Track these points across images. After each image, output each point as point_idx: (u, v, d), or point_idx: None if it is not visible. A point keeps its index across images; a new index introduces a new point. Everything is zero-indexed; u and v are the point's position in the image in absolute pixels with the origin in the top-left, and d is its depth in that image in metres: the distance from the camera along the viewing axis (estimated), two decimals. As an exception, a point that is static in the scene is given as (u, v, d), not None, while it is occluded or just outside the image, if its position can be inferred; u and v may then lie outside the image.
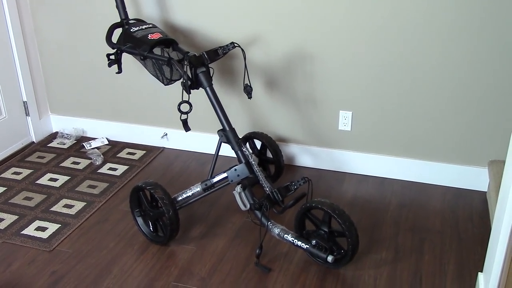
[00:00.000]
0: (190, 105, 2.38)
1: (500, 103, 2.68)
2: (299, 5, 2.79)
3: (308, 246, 2.26)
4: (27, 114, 3.47)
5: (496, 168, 2.65)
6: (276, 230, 2.34)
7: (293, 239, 2.29)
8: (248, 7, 2.88)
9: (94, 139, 3.53)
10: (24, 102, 3.44)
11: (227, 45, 2.57)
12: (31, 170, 3.18)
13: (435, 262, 2.37)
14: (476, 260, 2.37)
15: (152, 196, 2.46)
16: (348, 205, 2.78)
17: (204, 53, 2.51)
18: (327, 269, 2.32)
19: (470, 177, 2.88)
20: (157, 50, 2.61)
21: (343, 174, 3.09)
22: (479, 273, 2.15)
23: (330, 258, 2.19)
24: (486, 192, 2.87)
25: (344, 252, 2.25)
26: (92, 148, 3.42)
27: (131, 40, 2.62)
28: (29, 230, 2.63)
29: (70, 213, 2.77)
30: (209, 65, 2.53)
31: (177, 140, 3.38)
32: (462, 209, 2.74)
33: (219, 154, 2.60)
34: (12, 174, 3.15)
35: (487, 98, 2.70)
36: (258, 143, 2.98)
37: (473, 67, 2.65)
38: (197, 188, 2.57)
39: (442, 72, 2.71)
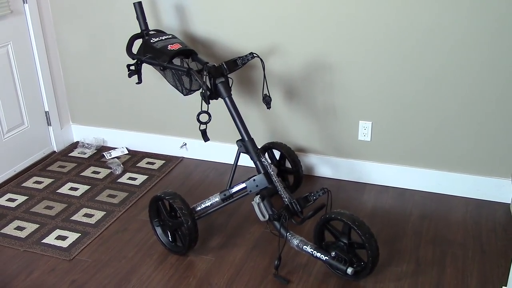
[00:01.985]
0: (209, 115, 2.38)
1: (523, 113, 2.64)
2: (319, 15, 2.78)
3: (327, 258, 2.23)
4: (48, 124, 3.52)
5: (520, 179, 2.60)
6: (295, 241, 2.32)
7: (312, 250, 2.27)
8: (267, 18, 2.89)
9: (114, 148, 3.56)
10: (46, 112, 3.48)
11: (246, 56, 2.57)
12: (52, 179, 3.22)
13: (458, 275, 2.32)
14: (500, 273, 2.32)
15: (171, 206, 2.46)
16: (368, 217, 2.75)
17: (223, 63, 2.51)
18: (347, 281, 2.30)
19: (493, 188, 2.83)
20: (176, 61, 2.62)
21: (363, 184, 3.06)
22: (503, 287, 2.11)
23: (350, 270, 2.17)
24: (509, 204, 2.81)
25: (364, 264, 2.22)
26: (112, 158, 3.45)
27: (151, 50, 2.64)
28: (50, 239, 2.65)
29: (90, 222, 2.79)
30: (228, 76, 2.53)
31: (196, 150, 3.39)
32: (484, 221, 2.69)
33: (238, 164, 2.60)
34: (33, 183, 3.19)
35: (510, 108, 2.65)
36: (277, 153, 2.97)
37: (496, 76, 2.61)
38: (216, 198, 2.56)
39: (463, 82, 2.67)
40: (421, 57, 2.69)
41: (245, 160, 2.66)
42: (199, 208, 2.56)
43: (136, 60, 2.72)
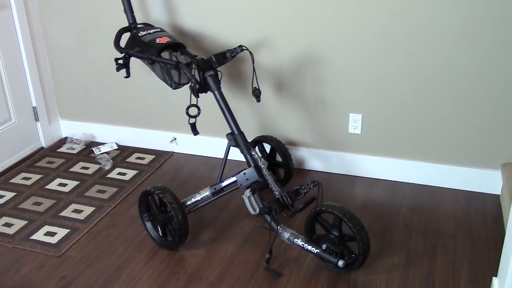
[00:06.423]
0: (199, 108, 2.36)
1: (513, 105, 2.65)
2: (308, 7, 2.77)
3: (318, 251, 2.23)
4: (36, 119, 3.48)
5: (510, 171, 2.61)
6: (286, 235, 2.31)
7: (303, 243, 2.26)
8: (256, 10, 2.87)
9: (103, 144, 3.53)
10: (33, 107, 3.45)
11: (235, 48, 2.55)
12: (41, 175, 3.19)
13: (448, 267, 2.33)
14: (490, 264, 2.33)
15: (161, 201, 2.44)
16: (358, 209, 2.75)
17: (212, 56, 2.49)
18: (338, 274, 2.29)
19: (483, 180, 2.84)
20: (165, 54, 2.60)
21: (353, 177, 3.06)
22: (494, 277, 2.11)
23: (341, 263, 2.17)
24: (499, 195, 2.82)
25: (355, 257, 2.22)
26: (101, 153, 3.42)
27: (139, 44, 2.62)
28: (38, 235, 2.63)
29: (79, 218, 2.76)
30: (217, 69, 2.52)
31: (186, 144, 3.37)
32: (475, 212, 2.70)
33: (228, 158, 2.59)
34: (21, 179, 3.16)
35: (499, 100, 2.66)
36: (267, 147, 2.96)
37: (486, 67, 2.61)
38: (206, 193, 2.55)
39: (453, 73, 2.67)
40: (412, 50, 2.69)
41: (235, 154, 2.65)
42: (189, 202, 2.55)
43: (124, 54, 2.69)
